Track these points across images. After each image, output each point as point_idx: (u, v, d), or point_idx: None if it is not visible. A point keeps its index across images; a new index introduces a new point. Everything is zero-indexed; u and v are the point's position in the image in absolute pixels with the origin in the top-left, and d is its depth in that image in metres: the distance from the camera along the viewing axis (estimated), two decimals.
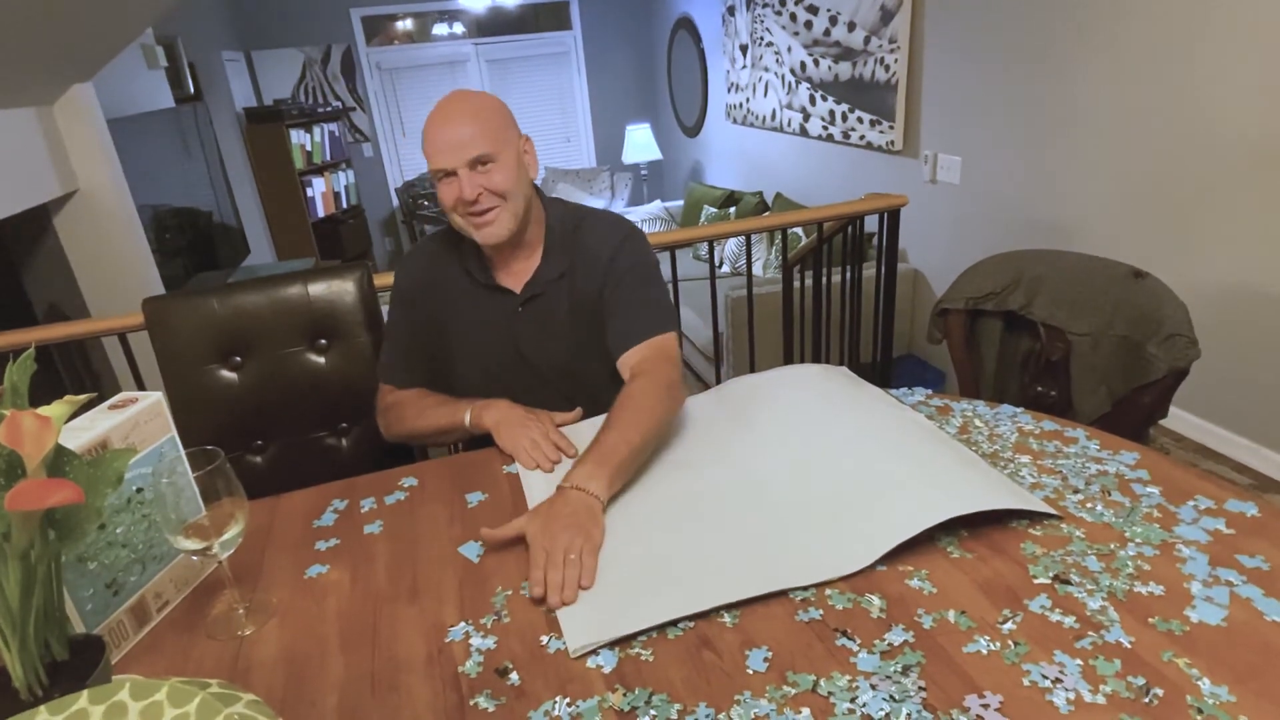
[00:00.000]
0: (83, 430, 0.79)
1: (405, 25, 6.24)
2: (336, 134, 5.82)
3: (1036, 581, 0.81)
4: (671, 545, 0.89)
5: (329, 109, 5.80)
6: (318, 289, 1.45)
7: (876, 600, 0.80)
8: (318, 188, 5.54)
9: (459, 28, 6.31)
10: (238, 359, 1.42)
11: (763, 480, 1.00)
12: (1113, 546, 0.85)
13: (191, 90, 4.48)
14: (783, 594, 0.82)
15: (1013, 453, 1.05)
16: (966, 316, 1.62)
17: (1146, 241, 2.44)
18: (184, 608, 0.89)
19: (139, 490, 0.84)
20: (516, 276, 1.26)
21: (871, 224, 2.71)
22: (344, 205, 5.88)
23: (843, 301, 2.38)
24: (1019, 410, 1.17)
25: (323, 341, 1.46)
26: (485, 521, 0.99)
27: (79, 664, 0.66)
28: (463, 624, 0.82)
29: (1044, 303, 1.53)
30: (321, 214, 5.56)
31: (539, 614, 0.82)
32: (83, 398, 0.64)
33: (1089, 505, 0.93)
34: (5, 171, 1.87)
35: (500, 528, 0.93)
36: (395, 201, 6.49)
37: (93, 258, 2.20)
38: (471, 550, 0.94)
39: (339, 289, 1.46)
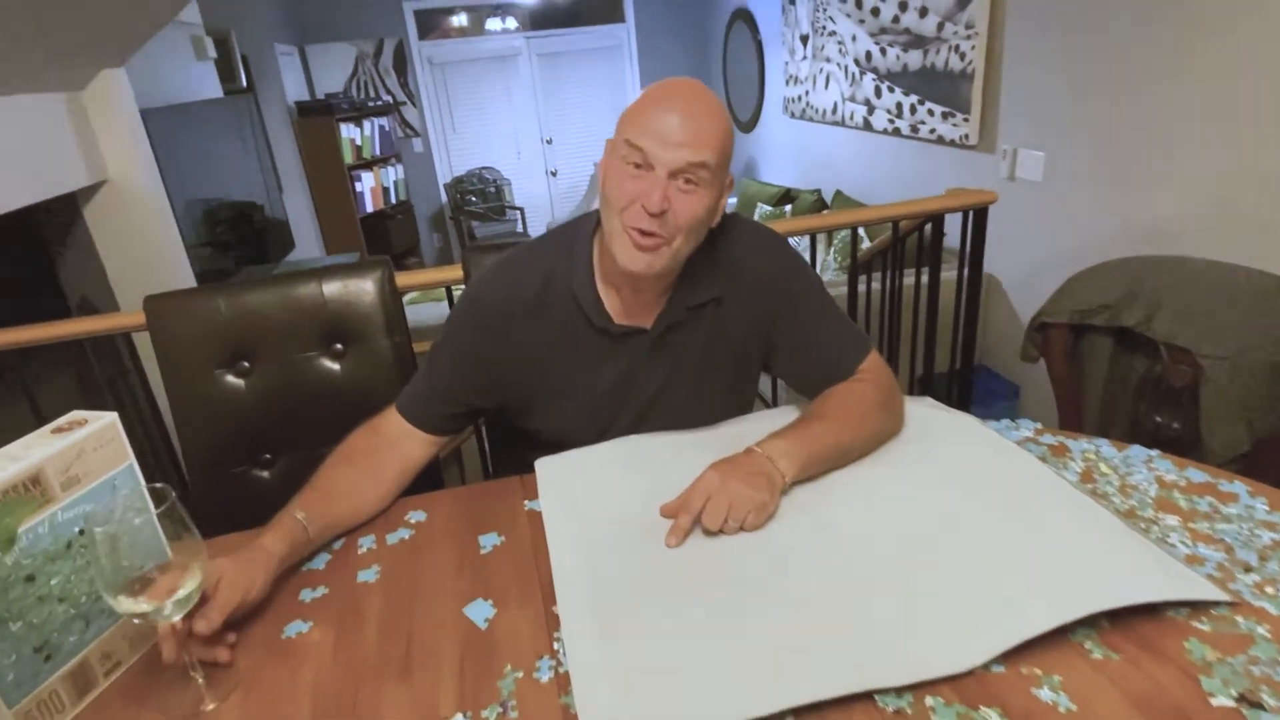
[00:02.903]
0: (11, 460, 0.65)
1: (460, 21, 6.18)
2: (386, 129, 5.78)
3: (1214, 702, 0.60)
4: (725, 622, 0.71)
5: (379, 103, 5.77)
6: (333, 288, 1.31)
7: (995, 716, 0.61)
8: (366, 182, 5.51)
9: (512, 22, 6.22)
10: (245, 364, 1.29)
11: (842, 543, 0.81)
12: None
13: (244, 83, 4.48)
14: (868, 699, 0.63)
15: (1154, 511, 0.84)
16: (1070, 332, 1.39)
17: (1274, 250, 2.14)
18: (139, 669, 0.75)
19: (81, 532, 0.70)
20: (646, 309, 1.01)
21: (947, 223, 2.48)
22: (392, 200, 5.85)
23: (915, 308, 2.16)
24: (1154, 453, 0.95)
25: (338, 346, 1.32)
26: (497, 573, 0.83)
27: None
28: (459, 716, 0.65)
29: (1168, 318, 1.30)
30: (370, 209, 5.53)
31: (555, 708, 0.65)
32: None
33: (1270, 591, 0.71)
34: (31, 158, 1.80)
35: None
36: (444, 197, 6.44)
37: (122, 250, 2.13)
38: (479, 612, 0.77)
39: (357, 288, 1.32)
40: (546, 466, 1.00)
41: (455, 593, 0.81)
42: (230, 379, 1.29)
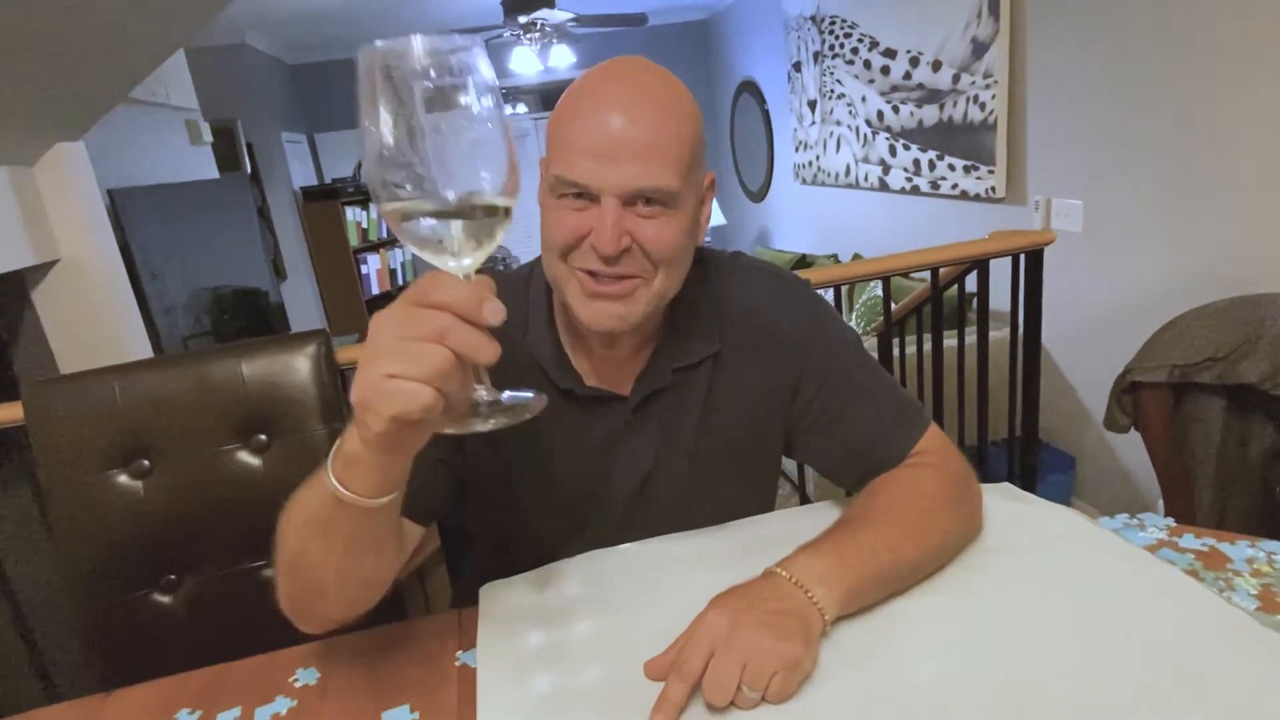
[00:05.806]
0: None
1: None
2: None
3: None
4: None
5: None
6: (255, 367, 1.08)
7: None
8: (373, 264, 5.44)
9: (522, 108, 6.27)
10: (144, 462, 1.05)
11: (918, 716, 0.53)
12: None
13: (249, 170, 4.46)
14: None
15: None
16: (1170, 392, 1.12)
17: None
18: None
19: None
20: (623, 369, 0.79)
21: (981, 276, 2.23)
22: (400, 282, 5.77)
23: (960, 370, 1.89)
24: None
25: (261, 437, 1.08)
26: None
27: None
28: None
29: None
30: (376, 291, 5.44)
31: None
32: None
33: None
34: None
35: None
36: None
37: (74, 335, 1.94)
38: None
39: (285, 366, 1.09)
40: (493, 597, 0.73)
41: None
42: (124, 480, 1.04)
